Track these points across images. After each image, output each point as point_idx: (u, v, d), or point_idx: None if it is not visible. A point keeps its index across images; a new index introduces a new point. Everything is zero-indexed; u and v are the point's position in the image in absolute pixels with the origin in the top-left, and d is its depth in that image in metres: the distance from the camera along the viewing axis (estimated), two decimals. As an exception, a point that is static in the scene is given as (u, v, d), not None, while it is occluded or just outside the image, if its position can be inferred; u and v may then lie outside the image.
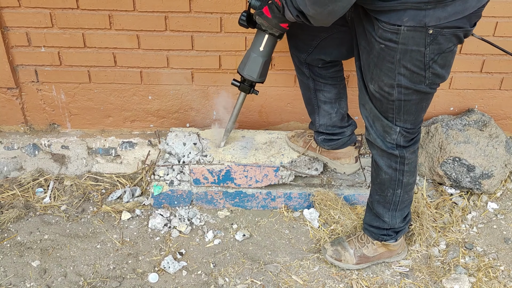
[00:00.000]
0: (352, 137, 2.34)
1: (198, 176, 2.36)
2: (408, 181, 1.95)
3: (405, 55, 1.59)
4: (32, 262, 2.13)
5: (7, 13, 2.33)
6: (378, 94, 1.74)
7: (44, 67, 2.49)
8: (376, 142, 1.88)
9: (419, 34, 1.53)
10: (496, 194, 2.55)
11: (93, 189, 2.56)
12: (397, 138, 1.83)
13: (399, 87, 1.67)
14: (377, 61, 1.66)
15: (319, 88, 2.19)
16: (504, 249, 2.28)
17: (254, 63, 2.03)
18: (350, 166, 2.40)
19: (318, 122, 2.27)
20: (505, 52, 2.02)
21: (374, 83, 1.72)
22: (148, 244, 2.25)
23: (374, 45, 1.63)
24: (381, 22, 1.56)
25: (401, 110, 1.75)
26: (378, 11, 1.55)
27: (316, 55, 2.06)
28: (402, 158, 1.88)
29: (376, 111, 1.80)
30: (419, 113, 1.79)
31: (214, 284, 2.07)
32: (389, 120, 1.79)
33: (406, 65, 1.61)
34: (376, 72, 1.68)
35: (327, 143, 2.31)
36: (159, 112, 2.67)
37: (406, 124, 1.80)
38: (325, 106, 2.23)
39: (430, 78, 1.65)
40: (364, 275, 2.12)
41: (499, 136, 2.51)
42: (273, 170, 2.35)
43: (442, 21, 1.51)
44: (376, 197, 2.03)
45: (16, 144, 2.60)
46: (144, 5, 2.32)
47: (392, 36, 1.56)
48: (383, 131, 1.84)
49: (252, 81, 2.10)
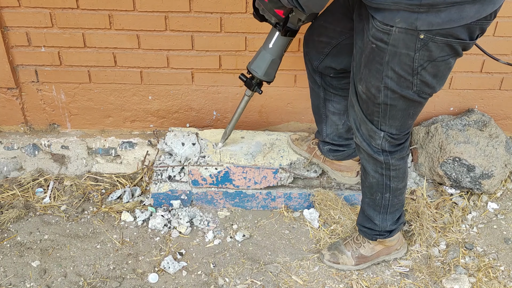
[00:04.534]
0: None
1: (197, 177, 2.36)
2: (396, 186, 1.94)
3: (394, 57, 1.56)
4: (32, 262, 2.13)
5: (7, 13, 2.32)
6: (364, 95, 1.72)
7: (44, 67, 2.49)
8: (362, 146, 1.87)
9: (410, 37, 1.50)
10: (496, 194, 2.55)
11: (93, 189, 2.56)
12: (382, 143, 1.81)
13: (386, 90, 1.65)
14: (367, 61, 1.64)
15: (329, 98, 2.17)
16: (504, 249, 2.28)
17: (261, 59, 2.02)
18: (350, 179, 2.39)
19: (325, 132, 2.26)
20: (498, 60, 1.92)
21: (362, 84, 1.70)
22: (148, 244, 2.25)
23: (367, 45, 1.61)
24: (375, 20, 1.54)
25: (387, 115, 1.72)
26: (374, 8, 1.52)
27: (328, 63, 2.03)
28: (387, 164, 1.86)
29: (362, 114, 1.78)
30: (406, 120, 1.76)
31: (214, 284, 2.07)
32: (374, 124, 1.77)
33: (394, 68, 1.58)
34: (365, 73, 1.66)
35: (333, 154, 2.30)
36: (159, 112, 2.67)
37: (391, 129, 1.77)
38: (333, 117, 2.21)
39: (418, 86, 1.62)
40: (364, 275, 2.12)
41: (499, 136, 2.51)
42: (272, 172, 2.35)
43: (434, 27, 1.47)
44: (366, 200, 2.03)
45: (16, 144, 2.60)
46: (144, 5, 2.31)
47: (383, 37, 1.54)
48: (368, 135, 1.83)
49: (259, 80, 2.08)
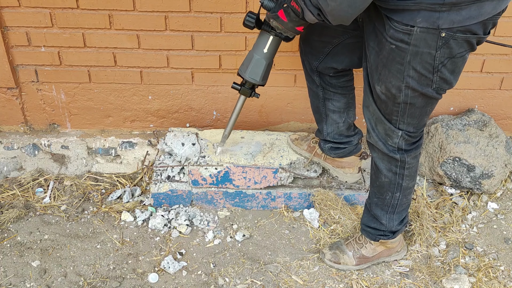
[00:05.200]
0: (358, 146, 2.32)
1: (197, 177, 2.36)
2: (407, 185, 1.95)
3: (415, 57, 1.56)
4: (32, 262, 2.13)
5: (7, 13, 2.32)
6: (384, 96, 1.72)
7: (44, 67, 2.49)
8: (377, 145, 1.87)
9: (432, 36, 1.50)
10: (496, 194, 2.55)
11: (93, 189, 2.55)
12: (399, 142, 1.82)
13: (407, 89, 1.65)
14: (386, 61, 1.63)
15: (329, 97, 2.16)
16: (504, 249, 2.28)
17: (257, 66, 1.96)
18: (352, 175, 2.39)
19: (326, 131, 2.26)
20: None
21: (381, 84, 1.69)
22: (148, 244, 2.25)
23: (384, 45, 1.60)
24: (393, 21, 1.52)
25: (406, 113, 1.73)
26: (391, 10, 1.51)
27: (328, 63, 2.02)
28: (402, 162, 1.87)
29: (380, 114, 1.78)
30: (423, 117, 1.77)
31: (214, 284, 2.07)
32: (392, 123, 1.78)
33: (416, 67, 1.59)
34: (384, 73, 1.66)
35: (334, 151, 2.30)
36: (159, 112, 2.67)
37: (409, 127, 1.79)
38: (334, 115, 2.20)
39: (437, 83, 1.63)
40: (364, 275, 2.12)
41: (499, 136, 2.51)
42: (272, 171, 2.35)
43: (455, 24, 1.48)
44: (374, 200, 2.03)
45: (16, 144, 2.60)
46: (144, 4, 2.31)
47: (404, 37, 1.53)
48: (385, 134, 1.83)
49: (253, 84, 2.04)
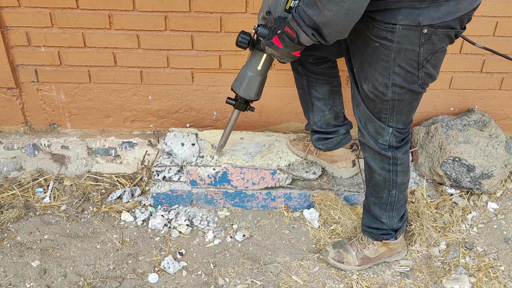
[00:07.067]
0: (347, 137, 2.32)
1: (195, 177, 2.36)
2: (402, 180, 1.96)
3: (399, 54, 1.59)
4: (32, 262, 2.13)
5: (7, 13, 2.32)
6: (372, 94, 1.74)
7: (44, 67, 2.49)
8: (369, 143, 1.88)
9: (414, 33, 1.54)
10: (496, 194, 2.55)
11: (93, 189, 2.55)
12: (390, 139, 1.84)
13: (394, 86, 1.68)
14: (371, 60, 1.66)
15: (311, 84, 2.19)
16: (505, 249, 2.28)
17: (251, 83, 2.00)
18: (347, 170, 2.39)
19: (313, 120, 2.27)
20: (506, 57, 2.01)
21: (368, 83, 1.72)
22: (148, 244, 2.25)
23: (369, 44, 1.63)
24: (376, 20, 1.56)
25: (394, 110, 1.76)
26: (373, 10, 1.54)
27: (307, 50, 1.95)
28: (394, 159, 1.89)
29: (369, 112, 1.80)
30: (410, 113, 1.81)
31: (214, 284, 2.07)
32: (381, 121, 1.80)
33: (401, 64, 1.62)
34: (371, 71, 1.68)
35: (321, 142, 2.30)
36: (159, 112, 2.67)
37: (398, 124, 1.81)
38: (318, 103, 2.23)
39: (423, 78, 1.67)
40: (364, 275, 2.12)
41: (499, 136, 2.51)
42: (270, 173, 2.35)
43: (435, 20, 1.52)
44: (372, 199, 2.04)
45: (16, 144, 2.60)
46: (144, 4, 2.31)
47: (387, 35, 1.57)
48: (376, 132, 1.85)
49: (245, 99, 2.08)
